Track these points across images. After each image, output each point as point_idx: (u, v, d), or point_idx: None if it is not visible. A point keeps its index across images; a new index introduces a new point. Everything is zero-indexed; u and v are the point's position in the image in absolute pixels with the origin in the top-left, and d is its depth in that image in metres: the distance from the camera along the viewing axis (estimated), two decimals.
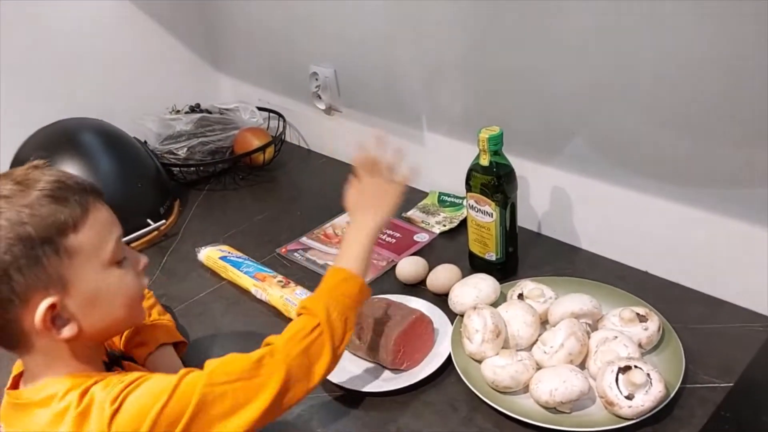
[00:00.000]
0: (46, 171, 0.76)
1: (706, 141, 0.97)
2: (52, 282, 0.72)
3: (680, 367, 0.90)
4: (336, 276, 0.89)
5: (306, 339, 0.81)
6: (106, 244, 0.77)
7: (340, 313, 0.84)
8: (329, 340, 0.81)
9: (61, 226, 0.72)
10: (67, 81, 1.62)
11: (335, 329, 0.82)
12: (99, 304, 0.77)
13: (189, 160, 1.57)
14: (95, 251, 0.76)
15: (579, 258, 1.20)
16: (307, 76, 1.60)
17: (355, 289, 0.88)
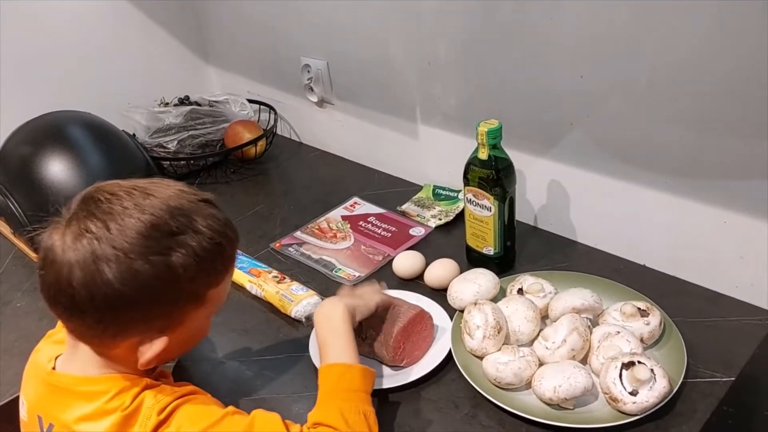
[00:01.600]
0: (218, 215, 0.75)
1: (704, 134, 0.97)
2: (174, 323, 0.74)
3: (682, 362, 0.89)
4: (332, 375, 0.83)
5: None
6: (225, 296, 0.81)
7: (355, 413, 0.78)
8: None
9: (212, 282, 0.75)
10: (54, 73, 1.59)
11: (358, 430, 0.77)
12: (189, 342, 0.82)
13: (179, 154, 1.54)
14: (218, 303, 0.79)
15: (576, 252, 1.19)
16: (299, 68, 1.58)
17: (357, 379, 0.82)
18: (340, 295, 0.97)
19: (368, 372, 0.84)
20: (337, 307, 0.89)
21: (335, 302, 0.91)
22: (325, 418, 0.77)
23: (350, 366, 0.83)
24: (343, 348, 0.85)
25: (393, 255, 1.21)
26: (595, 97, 1.07)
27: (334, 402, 0.79)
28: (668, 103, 0.99)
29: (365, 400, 0.81)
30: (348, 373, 0.82)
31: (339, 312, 0.88)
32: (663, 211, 1.07)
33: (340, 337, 0.86)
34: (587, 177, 1.14)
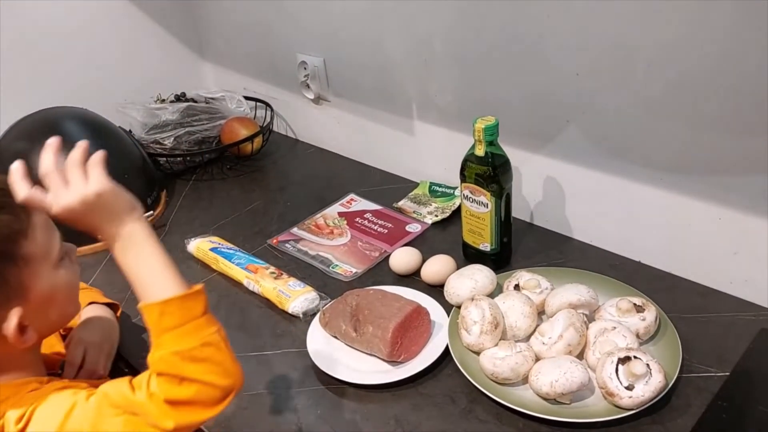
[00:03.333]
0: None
1: (699, 131, 0.98)
2: (14, 293, 0.71)
3: (677, 357, 0.90)
4: (152, 317, 0.71)
5: (180, 394, 0.70)
6: (52, 245, 0.76)
7: (191, 345, 0.70)
8: (207, 386, 0.70)
9: (14, 236, 0.71)
10: (51, 70, 1.59)
11: (202, 367, 0.71)
12: (54, 305, 0.77)
13: (175, 150, 1.54)
14: (45, 254, 0.75)
15: (571, 248, 1.20)
16: (296, 65, 1.58)
17: (178, 312, 0.71)
18: None
19: (190, 297, 0.73)
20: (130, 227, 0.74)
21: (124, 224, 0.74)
22: (160, 367, 0.70)
23: (167, 301, 0.71)
24: (152, 278, 0.73)
25: (390, 251, 1.22)
26: (591, 95, 1.07)
27: (165, 347, 0.70)
28: (663, 101, 0.99)
29: (200, 325, 0.72)
30: (167, 309, 0.71)
31: (136, 230, 0.75)
32: (658, 207, 1.07)
33: (146, 265, 0.74)
34: (583, 174, 1.15)
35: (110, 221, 0.74)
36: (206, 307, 0.74)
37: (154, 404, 0.69)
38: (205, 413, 0.71)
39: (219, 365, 0.72)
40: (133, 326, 1.10)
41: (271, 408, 0.94)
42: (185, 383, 0.70)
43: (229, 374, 0.72)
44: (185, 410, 0.70)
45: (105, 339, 0.99)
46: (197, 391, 0.70)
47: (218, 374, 0.71)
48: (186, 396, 0.70)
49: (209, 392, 0.71)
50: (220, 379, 0.71)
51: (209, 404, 0.71)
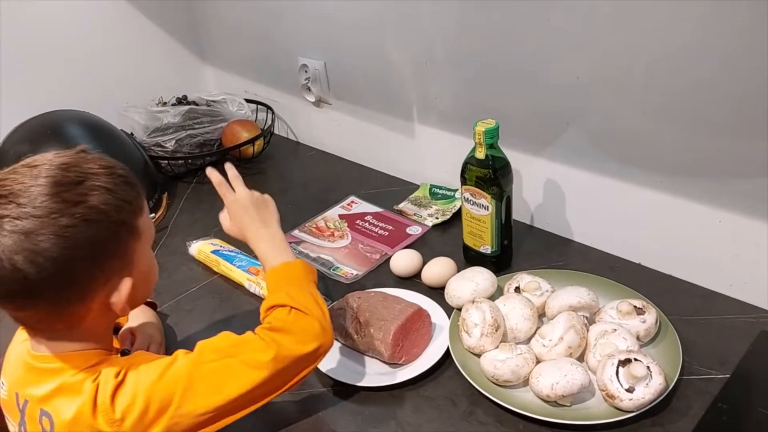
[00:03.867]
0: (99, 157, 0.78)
1: (699, 133, 0.98)
2: (128, 263, 0.77)
3: (678, 359, 0.90)
4: (275, 272, 0.90)
5: (285, 321, 0.81)
6: (152, 226, 0.84)
7: (302, 292, 0.85)
8: (309, 317, 0.82)
9: (137, 209, 0.78)
10: (53, 73, 1.59)
11: (307, 305, 0.83)
12: (148, 280, 0.84)
13: (177, 153, 1.55)
14: (149, 232, 0.82)
15: (572, 250, 1.20)
16: (296, 68, 1.58)
17: (298, 270, 0.89)
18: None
19: (308, 266, 0.92)
20: (272, 229, 0.96)
21: (271, 227, 0.96)
22: (274, 301, 0.84)
23: (291, 263, 0.90)
24: (278, 256, 0.91)
25: (390, 253, 1.22)
26: (591, 97, 1.08)
27: (280, 290, 0.86)
28: (664, 103, 0.99)
29: (311, 286, 0.88)
30: (288, 268, 0.89)
31: (273, 233, 0.95)
32: (658, 209, 1.08)
33: (275, 250, 0.92)
34: (583, 176, 1.15)
35: (262, 222, 0.96)
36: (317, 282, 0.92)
37: (259, 335, 0.80)
38: (301, 347, 0.80)
39: (323, 313, 0.84)
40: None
41: (273, 410, 0.94)
42: (293, 312, 0.82)
43: (326, 319, 0.84)
44: (286, 340, 0.79)
45: (162, 338, 1.05)
46: (301, 321, 0.81)
47: (322, 316, 0.83)
48: (289, 323, 0.81)
49: (312, 326, 0.81)
50: (322, 319, 0.83)
51: (305, 337, 0.80)
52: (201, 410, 0.75)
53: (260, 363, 0.77)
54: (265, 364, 0.77)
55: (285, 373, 0.79)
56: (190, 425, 0.75)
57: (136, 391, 0.73)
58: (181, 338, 1.09)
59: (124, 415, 0.72)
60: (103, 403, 0.72)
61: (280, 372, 0.78)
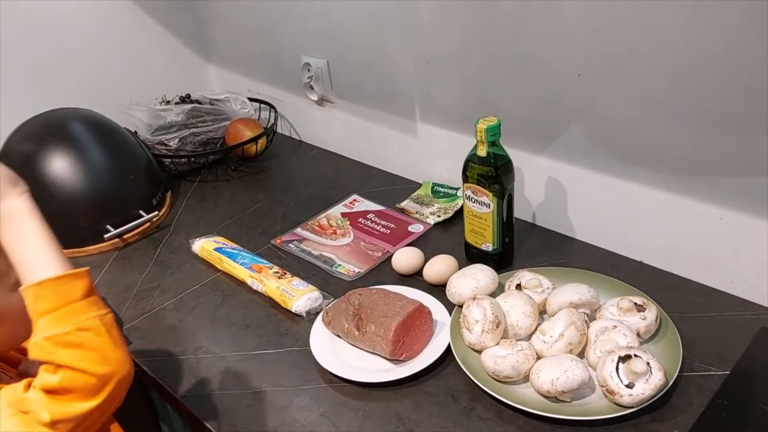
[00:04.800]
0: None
1: (700, 131, 0.98)
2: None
3: (678, 356, 0.90)
4: (28, 302, 0.71)
5: (54, 383, 0.68)
6: (10, 268, 0.72)
7: (67, 333, 0.69)
8: (80, 373, 0.69)
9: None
10: (57, 71, 1.60)
11: (76, 354, 0.69)
12: (3, 324, 0.75)
13: (180, 151, 1.55)
14: (3, 277, 0.74)
15: (573, 248, 1.21)
16: (299, 67, 1.59)
17: (51, 296, 0.70)
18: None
19: (66, 279, 0.71)
20: (7, 205, 0.73)
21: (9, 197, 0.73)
22: (37, 355, 0.69)
23: (39, 284, 0.70)
24: (29, 259, 0.72)
25: (392, 251, 1.22)
26: (593, 95, 1.08)
27: (40, 333, 0.69)
28: (665, 101, 1.00)
29: (78, 310, 0.70)
30: (39, 292, 0.70)
31: (15, 209, 0.73)
32: (659, 207, 1.08)
33: (22, 246, 0.72)
34: (585, 174, 1.15)
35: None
36: (88, 291, 0.72)
37: (35, 395, 0.68)
38: (83, 404, 0.69)
39: (96, 351, 0.69)
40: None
41: (275, 406, 0.95)
42: (60, 370, 0.68)
43: (107, 361, 0.70)
44: (62, 400, 0.68)
45: None
46: (71, 378, 0.68)
47: (94, 361, 0.69)
48: (59, 384, 0.68)
49: (85, 380, 0.68)
50: (96, 366, 0.69)
51: (87, 393, 0.69)
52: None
53: (46, 423, 0.67)
54: (50, 425, 0.67)
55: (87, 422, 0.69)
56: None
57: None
58: (184, 336, 1.10)
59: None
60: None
61: (77, 427, 0.69)
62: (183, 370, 1.03)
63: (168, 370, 1.03)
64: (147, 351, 1.07)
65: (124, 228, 1.33)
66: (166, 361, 1.05)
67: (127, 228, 1.34)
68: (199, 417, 0.94)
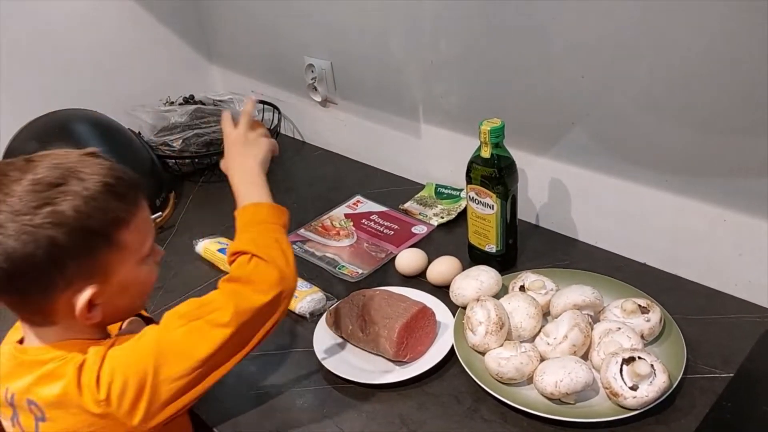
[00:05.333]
0: (103, 162, 0.78)
1: (704, 132, 0.98)
2: (97, 271, 0.76)
3: (682, 358, 0.90)
4: (244, 213, 0.90)
5: (245, 270, 0.82)
6: (146, 241, 0.82)
7: (266, 238, 0.85)
8: (269, 263, 0.82)
9: (118, 222, 0.76)
10: (61, 72, 1.61)
11: (268, 252, 0.83)
12: (127, 294, 0.81)
13: (184, 152, 1.56)
14: (138, 247, 0.80)
15: (577, 249, 1.21)
16: (303, 68, 1.59)
17: (265, 212, 0.89)
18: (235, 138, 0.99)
19: (278, 208, 0.91)
20: (254, 161, 0.96)
21: (253, 159, 0.96)
22: (237, 247, 0.85)
23: (259, 204, 0.90)
24: (252, 193, 0.91)
25: (395, 252, 1.22)
26: (597, 97, 1.08)
27: (246, 234, 0.86)
28: (668, 102, 1.00)
29: (276, 230, 0.88)
30: (258, 209, 0.89)
31: (252, 165, 0.95)
32: (663, 209, 1.08)
33: (251, 185, 0.93)
34: (588, 175, 1.15)
35: (244, 155, 0.96)
36: (287, 224, 0.91)
37: (221, 291, 0.81)
38: (259, 296, 0.80)
39: (285, 259, 0.84)
40: None
41: (278, 407, 0.95)
42: (254, 260, 0.82)
43: (289, 268, 0.84)
44: (245, 290, 0.80)
45: None
46: (262, 268, 0.81)
47: (282, 262, 0.83)
48: (251, 272, 0.81)
49: (270, 272, 0.81)
50: (282, 265, 0.82)
51: (266, 286, 0.80)
52: (176, 375, 0.75)
53: (223, 321, 0.77)
54: (228, 321, 0.77)
55: (250, 325, 0.79)
56: (171, 392, 0.75)
57: (113, 369, 0.74)
58: None
59: (107, 394, 0.73)
60: (89, 384, 0.73)
61: (245, 324, 0.79)
62: None
63: None
64: None
65: None
66: None
67: None
68: (202, 418, 0.94)
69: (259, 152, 0.97)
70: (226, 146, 0.99)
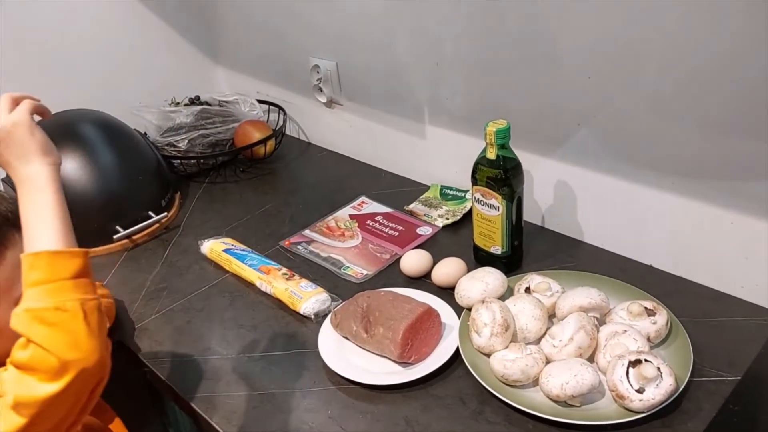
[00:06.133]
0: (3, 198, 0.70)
1: (711, 134, 0.98)
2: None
3: (688, 361, 0.90)
4: (24, 269, 0.70)
5: (23, 357, 0.67)
6: (18, 284, 0.72)
7: (45, 309, 0.68)
8: (47, 353, 0.66)
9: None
10: (67, 73, 1.61)
11: (48, 333, 0.67)
12: (2, 339, 0.73)
13: (189, 153, 1.56)
14: (8, 289, 0.73)
15: (582, 251, 1.20)
16: (308, 69, 1.59)
17: (46, 268, 0.69)
18: None
19: (65, 254, 0.71)
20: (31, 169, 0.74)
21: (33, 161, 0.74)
22: (15, 326, 0.68)
23: (37, 254, 0.70)
24: (41, 230, 0.72)
25: (400, 254, 1.22)
26: (603, 98, 1.07)
27: (24, 303, 0.69)
28: (676, 104, 0.99)
29: (64, 289, 0.69)
30: (36, 262, 0.70)
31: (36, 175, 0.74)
32: (669, 211, 1.07)
33: (38, 215, 0.73)
34: (594, 177, 1.15)
35: (19, 158, 0.73)
36: (80, 272, 0.71)
37: (9, 373, 0.67)
38: (44, 386, 0.66)
39: (68, 335, 0.67)
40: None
41: (282, 408, 0.95)
42: (30, 345, 0.66)
43: (77, 348, 0.67)
44: (27, 380, 0.66)
45: None
46: (39, 356, 0.66)
47: (63, 344, 0.67)
48: (28, 360, 0.66)
49: (47, 360, 0.66)
50: (63, 349, 0.66)
51: (48, 376, 0.66)
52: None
53: (9, 407, 0.66)
54: (14, 408, 0.66)
55: (50, 412, 0.67)
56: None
57: None
58: (193, 337, 1.10)
59: None
60: None
61: (40, 415, 0.67)
62: (191, 371, 1.03)
63: (176, 371, 1.03)
64: (155, 352, 1.07)
65: (133, 229, 1.34)
66: (174, 362, 1.05)
67: (136, 229, 1.34)
68: (206, 418, 0.94)
69: (31, 142, 0.75)
70: None
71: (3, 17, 1.47)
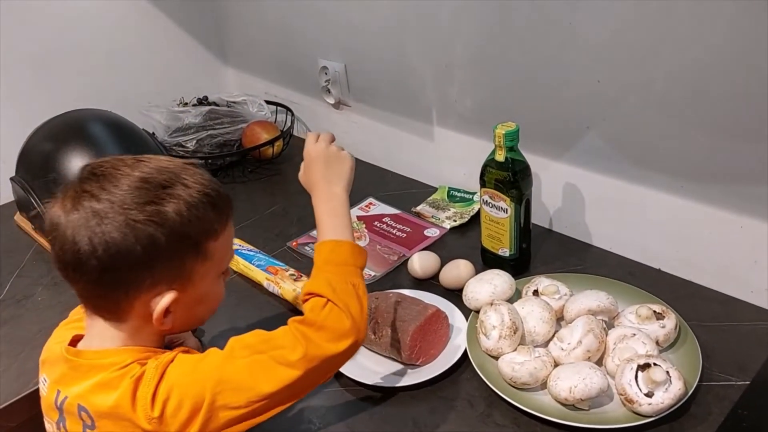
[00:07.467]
0: (204, 174, 0.79)
1: (720, 138, 0.97)
2: (181, 278, 0.76)
3: (697, 365, 0.90)
4: (323, 250, 0.86)
5: (319, 315, 0.78)
6: (228, 256, 0.83)
7: (343, 282, 0.82)
8: (344, 311, 0.78)
9: (211, 232, 0.77)
10: (77, 72, 1.62)
11: (345, 299, 0.79)
12: (201, 306, 0.82)
13: (198, 153, 1.56)
14: (220, 261, 0.81)
15: (590, 255, 1.20)
16: (317, 70, 1.59)
17: (346, 253, 0.85)
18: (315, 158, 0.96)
19: (359, 249, 0.87)
20: (339, 188, 0.93)
21: (341, 184, 0.94)
22: (313, 287, 0.81)
23: (340, 242, 0.86)
24: (336, 226, 0.88)
25: (408, 255, 1.22)
26: (612, 101, 1.07)
27: (323, 274, 0.83)
28: (684, 107, 0.99)
29: (354, 273, 0.84)
30: (339, 248, 0.86)
31: (338, 194, 0.92)
32: (678, 215, 1.07)
33: (336, 217, 0.90)
34: (602, 180, 1.15)
35: (329, 178, 0.93)
36: (364, 266, 0.87)
37: (290, 331, 0.77)
38: (331, 346, 0.76)
39: (360, 306, 0.80)
40: None
41: (290, 409, 0.94)
42: (328, 306, 0.78)
43: (362, 318, 0.79)
44: (317, 337, 0.76)
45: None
46: (335, 315, 0.77)
47: (356, 311, 0.79)
48: (324, 318, 0.77)
49: (343, 322, 0.77)
50: (355, 315, 0.79)
51: (337, 336, 0.77)
52: (233, 405, 0.73)
53: (290, 361, 0.75)
54: (295, 363, 0.75)
55: (318, 370, 0.77)
56: (224, 420, 0.74)
57: (171, 388, 0.73)
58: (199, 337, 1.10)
59: (162, 411, 0.72)
60: (144, 399, 0.72)
61: (312, 370, 0.76)
62: None
63: None
64: None
65: None
66: None
67: None
68: None
69: (344, 172, 0.95)
70: (307, 161, 0.97)
71: (13, 17, 1.48)
